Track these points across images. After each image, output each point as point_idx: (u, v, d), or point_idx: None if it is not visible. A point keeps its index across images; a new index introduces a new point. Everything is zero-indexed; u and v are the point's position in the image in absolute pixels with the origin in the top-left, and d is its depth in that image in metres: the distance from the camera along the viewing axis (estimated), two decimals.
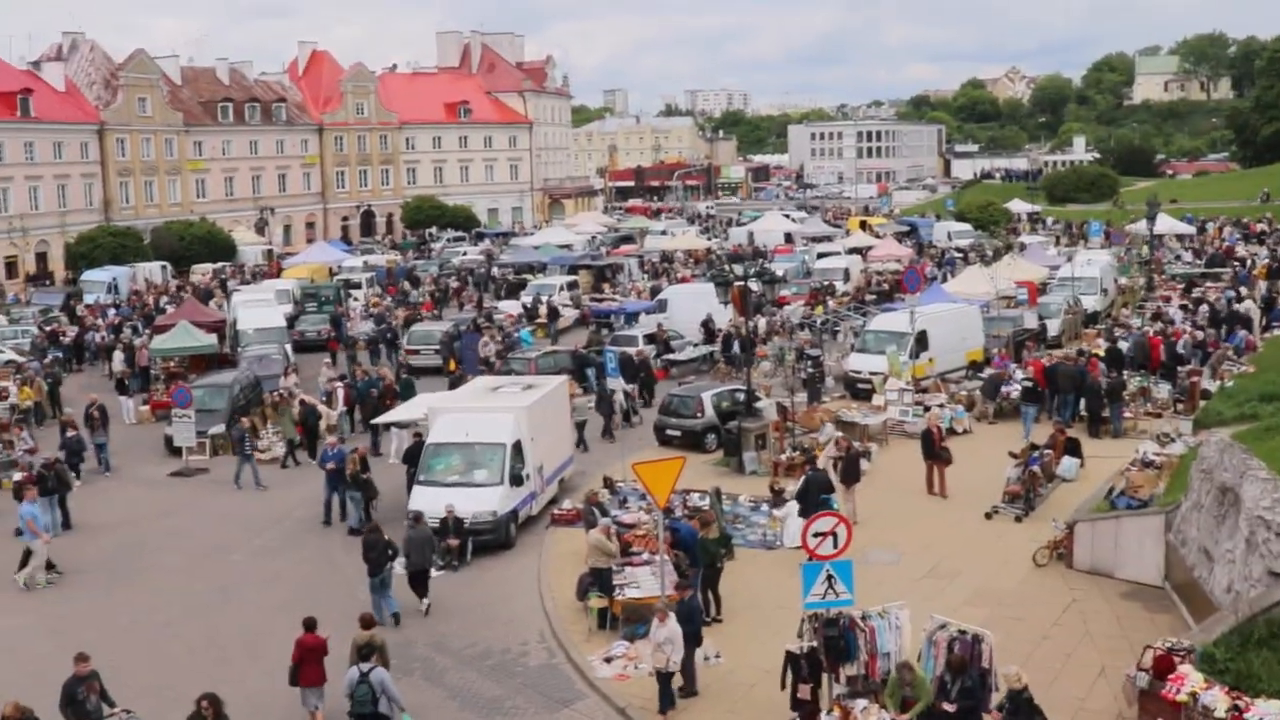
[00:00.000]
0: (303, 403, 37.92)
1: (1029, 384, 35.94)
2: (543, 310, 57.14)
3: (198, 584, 26.00)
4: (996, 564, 24.54)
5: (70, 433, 34.11)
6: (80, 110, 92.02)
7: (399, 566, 23.88)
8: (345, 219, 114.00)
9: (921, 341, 40.46)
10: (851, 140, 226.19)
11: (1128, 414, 34.85)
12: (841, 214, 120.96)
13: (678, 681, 18.97)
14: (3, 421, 38.47)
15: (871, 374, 39.74)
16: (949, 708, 16.45)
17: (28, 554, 26.21)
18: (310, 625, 19.18)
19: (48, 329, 56.34)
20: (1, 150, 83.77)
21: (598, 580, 22.76)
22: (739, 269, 47.32)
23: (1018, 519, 27.24)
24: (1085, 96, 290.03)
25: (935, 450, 29.50)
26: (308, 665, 18.81)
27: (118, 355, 48.06)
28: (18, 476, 30.77)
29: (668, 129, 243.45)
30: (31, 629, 23.67)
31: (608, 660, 20.86)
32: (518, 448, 28.06)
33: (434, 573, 25.34)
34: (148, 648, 22.38)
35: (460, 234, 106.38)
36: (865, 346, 41.96)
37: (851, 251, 75.92)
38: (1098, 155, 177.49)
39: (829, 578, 17.39)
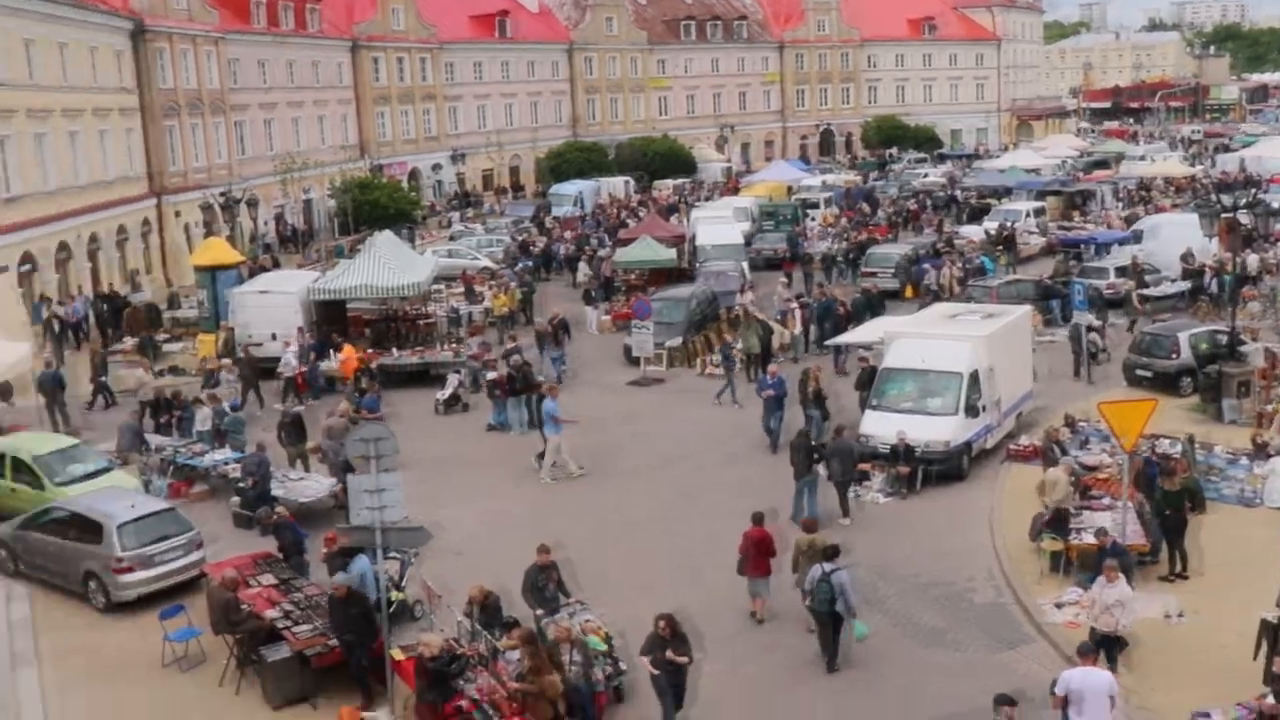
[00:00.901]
0: (757, 320, 38.87)
1: None
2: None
3: (663, 487, 27.48)
4: None
5: (509, 344, 36.47)
6: (552, 30, 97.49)
7: (822, 470, 24.94)
8: (804, 138, 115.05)
9: None
10: None
11: None
12: None
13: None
14: (478, 325, 41.79)
15: None
16: None
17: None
18: (758, 519, 20.56)
19: (520, 239, 60.45)
20: (481, 70, 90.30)
21: (1054, 521, 22.21)
22: (1227, 199, 44.20)
23: None
24: None
25: None
26: (754, 557, 20.23)
27: (583, 266, 50.90)
28: (491, 376, 33.38)
29: (1151, 45, 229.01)
30: (508, 516, 25.85)
31: (1059, 606, 20.38)
32: (975, 377, 27.61)
33: (881, 499, 25.95)
34: (612, 544, 23.89)
35: (922, 155, 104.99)
36: None
37: None
38: None
39: None
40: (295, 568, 21.40)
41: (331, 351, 36.40)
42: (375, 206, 65.16)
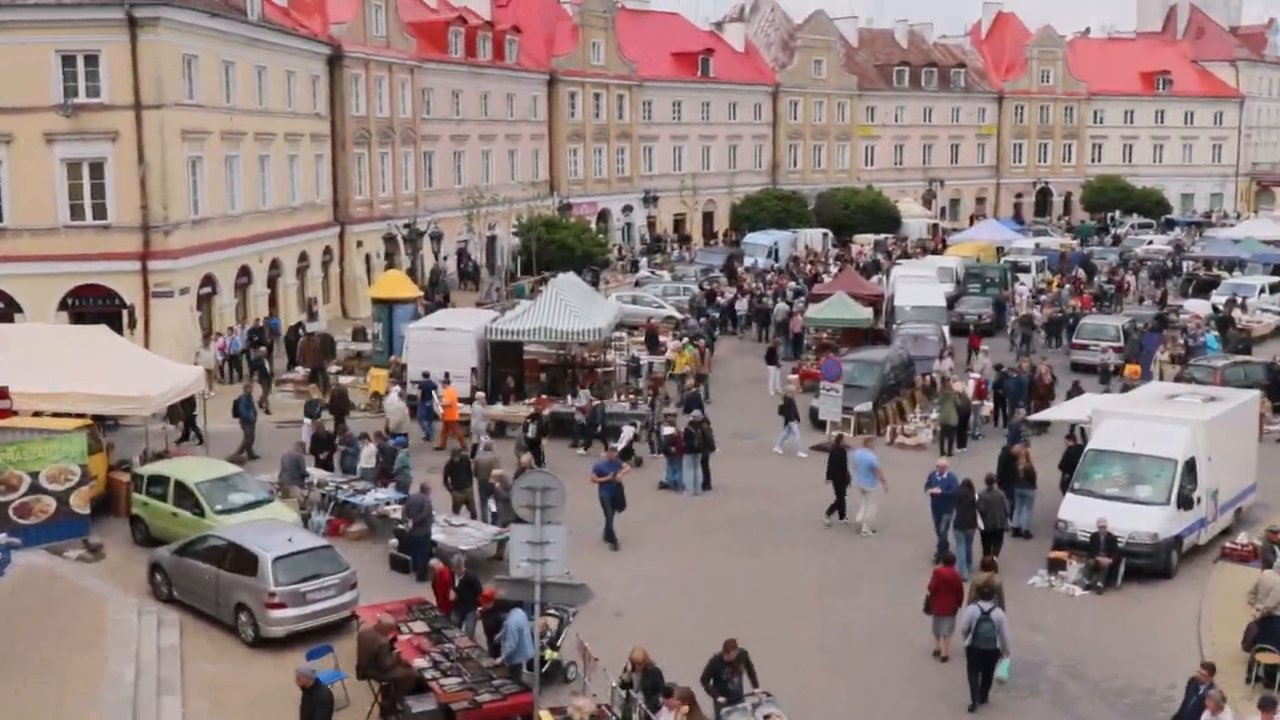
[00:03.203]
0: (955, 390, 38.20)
1: None
2: (1238, 315, 53.54)
3: (827, 561, 27.19)
4: None
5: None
6: (757, 71, 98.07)
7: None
8: (1019, 196, 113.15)
9: None
10: None
11: None
12: None
13: None
14: (658, 376, 41.93)
15: None
16: None
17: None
18: (949, 560, 22.89)
19: (707, 289, 60.63)
20: (680, 110, 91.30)
21: (1269, 630, 21.18)
22: None
23: None
24: None
25: None
26: (941, 595, 21.84)
27: (778, 318, 51.01)
28: (667, 432, 33.43)
29: None
30: (673, 580, 26.00)
31: None
32: (1190, 465, 26.67)
33: (1077, 591, 25.29)
34: (770, 620, 23.59)
35: (1146, 221, 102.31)
36: None
37: None
38: None
39: None
40: (465, 624, 21.78)
41: (433, 393, 36.30)
42: (561, 246, 66.13)
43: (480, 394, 36.11)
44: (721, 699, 18.49)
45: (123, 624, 22.27)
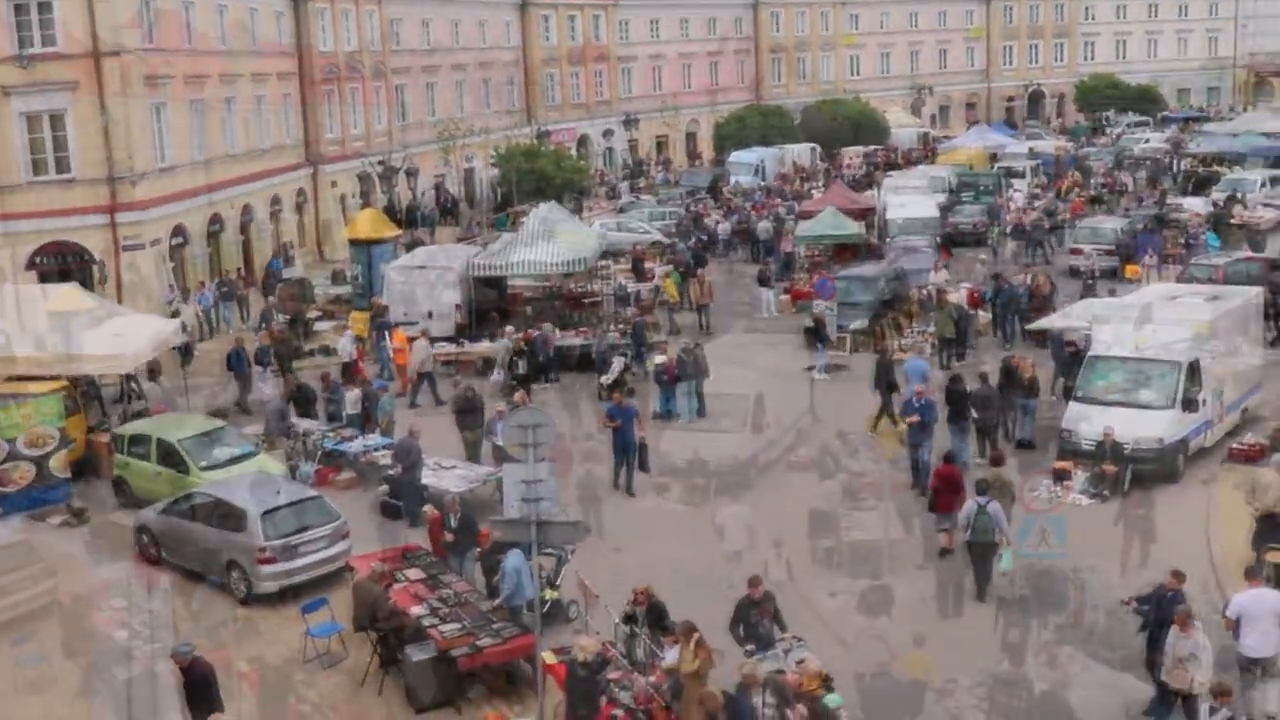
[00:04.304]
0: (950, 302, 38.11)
1: None
2: (1239, 211, 53.38)
3: (829, 484, 26.83)
4: None
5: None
6: None
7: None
8: (1010, 100, 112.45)
9: None
10: None
11: None
12: None
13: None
14: (645, 302, 41.83)
15: None
16: None
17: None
18: (949, 458, 24.30)
19: (693, 211, 60.39)
20: (658, 28, 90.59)
21: (1274, 529, 21.27)
22: None
23: None
24: None
25: None
26: (942, 493, 23.13)
27: (763, 237, 50.94)
28: (660, 359, 33.39)
29: None
30: (669, 512, 26.21)
31: None
32: (1194, 367, 26.72)
33: (1083, 501, 25.43)
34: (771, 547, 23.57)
35: (1142, 119, 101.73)
36: None
37: None
38: None
39: None
40: (464, 568, 21.85)
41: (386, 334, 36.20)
42: (540, 176, 65.74)
43: (509, 328, 35.97)
44: (750, 646, 18.13)
45: (111, 587, 22.33)
